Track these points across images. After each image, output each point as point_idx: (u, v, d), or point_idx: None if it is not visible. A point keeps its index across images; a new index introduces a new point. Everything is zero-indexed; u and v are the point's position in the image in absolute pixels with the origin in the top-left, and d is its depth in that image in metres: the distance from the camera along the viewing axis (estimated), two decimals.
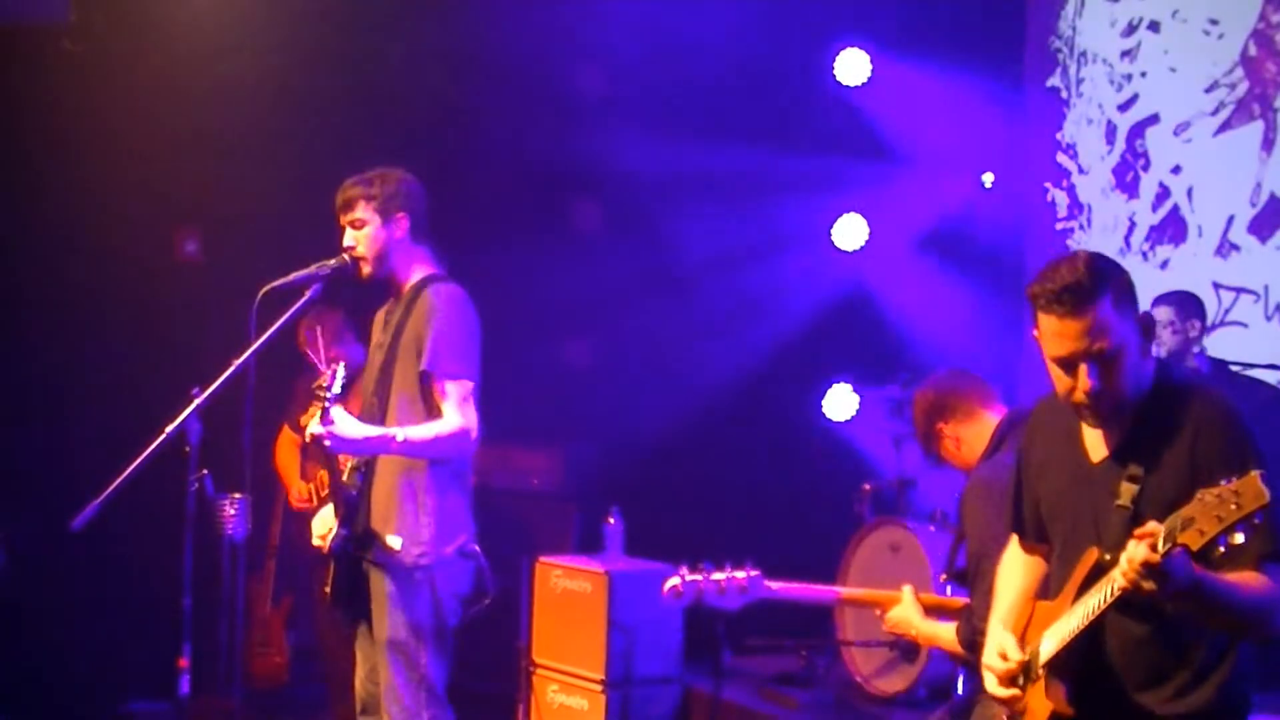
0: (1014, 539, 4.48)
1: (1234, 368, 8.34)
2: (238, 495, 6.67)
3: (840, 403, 10.30)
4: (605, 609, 8.08)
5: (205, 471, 5.74)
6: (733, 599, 5.63)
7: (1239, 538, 3.47)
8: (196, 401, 5.66)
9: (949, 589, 5.79)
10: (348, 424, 5.68)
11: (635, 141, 9.92)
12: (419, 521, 5.87)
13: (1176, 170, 9.78)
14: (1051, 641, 3.97)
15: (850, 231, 10.48)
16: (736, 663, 8.78)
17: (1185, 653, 3.92)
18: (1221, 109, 9.50)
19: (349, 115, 9.52)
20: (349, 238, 5.99)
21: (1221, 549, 3.49)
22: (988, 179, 10.69)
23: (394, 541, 5.84)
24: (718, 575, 5.62)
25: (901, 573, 8.02)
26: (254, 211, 9.32)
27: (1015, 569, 4.46)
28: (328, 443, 5.65)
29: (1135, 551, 3.60)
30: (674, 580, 5.63)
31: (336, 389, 5.56)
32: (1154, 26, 10.02)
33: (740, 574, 5.64)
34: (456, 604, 5.97)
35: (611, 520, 8.34)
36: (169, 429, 5.64)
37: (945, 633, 5.49)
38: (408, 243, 6.03)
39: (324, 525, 6.01)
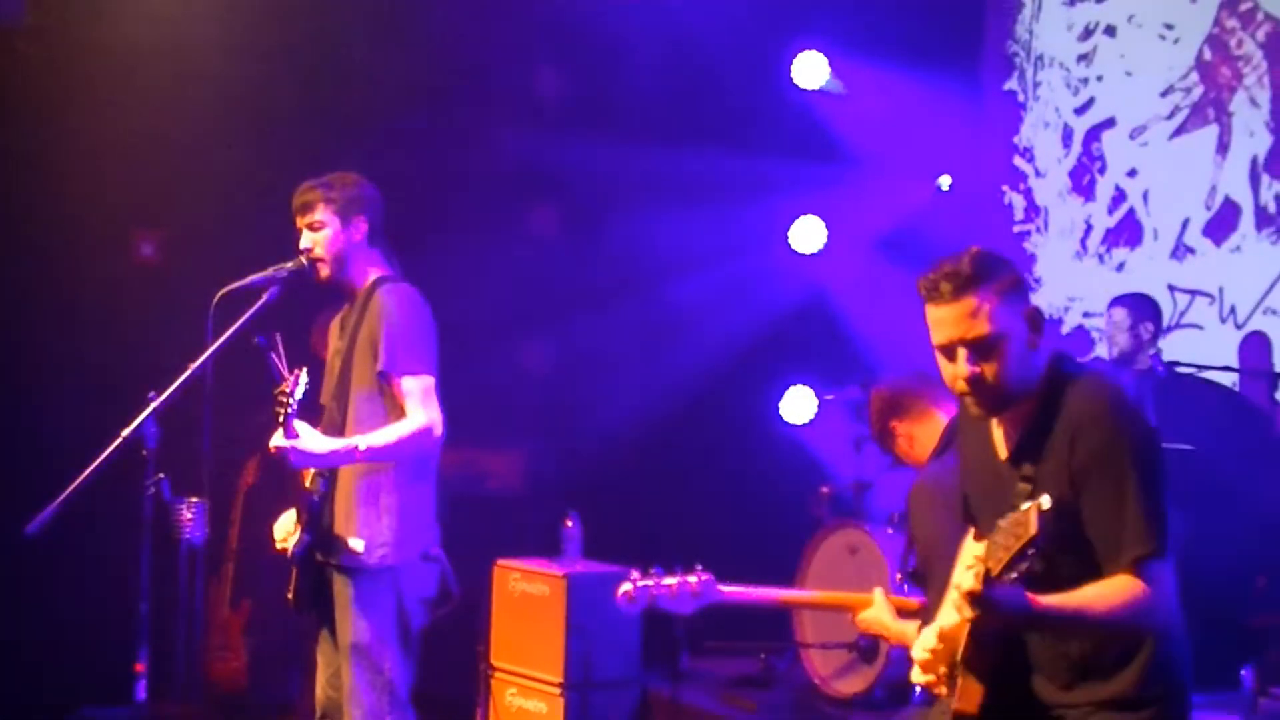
0: (970, 532, 4.49)
1: (1189, 370, 8.39)
2: (195, 499, 6.65)
3: (798, 405, 10.33)
4: (564, 612, 8.07)
5: (162, 475, 5.73)
6: (685, 603, 5.62)
7: (1022, 567, 3.47)
8: (153, 405, 5.65)
9: (906, 589, 5.81)
10: (310, 438, 5.65)
11: (593, 143, 9.92)
12: (381, 523, 5.84)
13: (1133, 174, 9.85)
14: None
15: (808, 234, 10.51)
16: (695, 665, 8.78)
17: (1099, 643, 3.90)
18: (1177, 113, 9.57)
19: (306, 117, 9.48)
20: (306, 240, 5.97)
21: (1014, 575, 3.48)
22: (945, 182, 10.74)
23: (356, 544, 5.82)
24: (669, 580, 5.61)
25: (860, 575, 8.05)
26: (211, 214, 9.28)
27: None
28: (291, 458, 5.63)
29: (961, 579, 3.60)
30: (626, 586, 5.62)
31: (299, 395, 5.53)
32: (1110, 31, 10.08)
33: (692, 578, 5.63)
34: (421, 607, 5.94)
35: (569, 523, 8.33)
36: (125, 432, 5.63)
37: (913, 633, 5.52)
38: (364, 246, 6.01)
39: (285, 529, 5.99)
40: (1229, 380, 8.94)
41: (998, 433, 4.09)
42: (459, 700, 8.58)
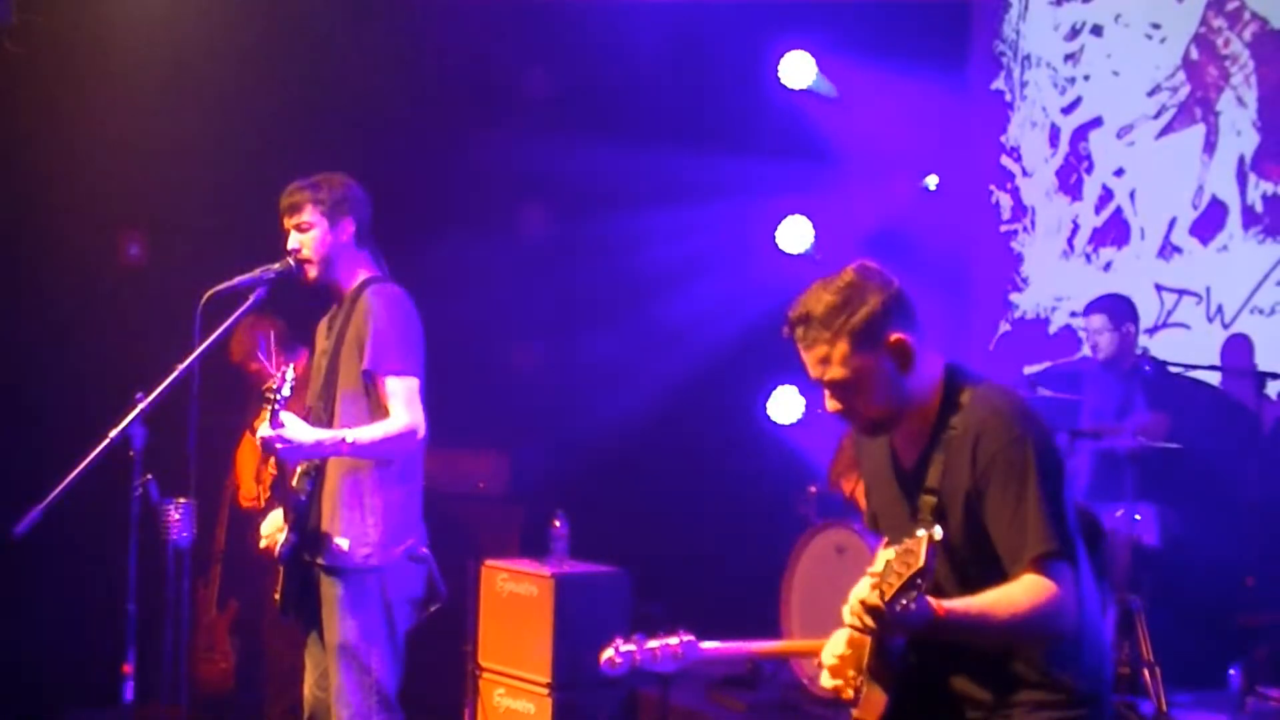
0: (884, 541, 4.49)
1: (1176, 369, 8.40)
2: (182, 500, 6.62)
3: (786, 405, 10.32)
4: (551, 612, 8.07)
5: (149, 476, 5.72)
6: (668, 664, 5.69)
7: (910, 596, 3.43)
8: (140, 406, 5.64)
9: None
10: (298, 428, 5.65)
11: (581, 146, 9.92)
12: (365, 523, 5.83)
13: (1119, 173, 9.86)
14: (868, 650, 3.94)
15: (795, 234, 10.49)
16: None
17: (1008, 648, 3.84)
18: (1164, 112, 9.57)
19: (294, 118, 9.48)
20: (294, 241, 5.96)
21: (903, 603, 3.44)
22: (932, 181, 10.73)
23: (341, 543, 5.81)
24: (652, 644, 5.70)
25: (847, 574, 8.04)
26: (198, 215, 9.27)
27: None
28: (279, 446, 5.62)
29: (861, 591, 3.58)
30: (609, 652, 5.68)
31: (285, 391, 5.53)
32: (1097, 30, 10.09)
33: (674, 640, 5.72)
34: (407, 607, 5.94)
35: (557, 523, 8.32)
36: (113, 434, 5.61)
37: None
38: (352, 248, 6.01)
39: (271, 528, 5.98)
40: (1215, 379, 8.96)
41: (897, 446, 4.07)
42: (447, 701, 8.57)
